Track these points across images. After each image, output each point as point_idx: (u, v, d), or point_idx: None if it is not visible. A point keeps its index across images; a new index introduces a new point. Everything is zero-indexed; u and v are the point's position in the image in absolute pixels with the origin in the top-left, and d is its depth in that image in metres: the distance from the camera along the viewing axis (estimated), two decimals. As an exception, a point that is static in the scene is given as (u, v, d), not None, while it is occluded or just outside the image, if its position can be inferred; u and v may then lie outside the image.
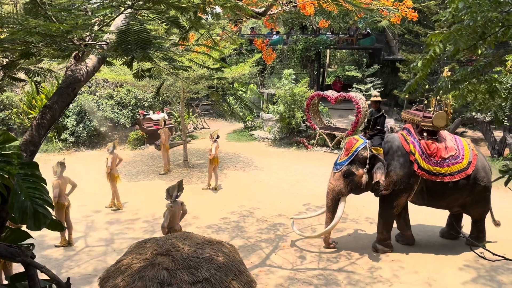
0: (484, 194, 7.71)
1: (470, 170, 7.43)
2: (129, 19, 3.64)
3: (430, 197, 7.69)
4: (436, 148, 7.48)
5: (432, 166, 7.39)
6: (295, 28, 23.46)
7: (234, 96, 5.93)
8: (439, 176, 7.38)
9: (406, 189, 7.58)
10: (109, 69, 13.05)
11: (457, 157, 7.47)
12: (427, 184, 7.54)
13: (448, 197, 7.61)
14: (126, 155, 14.60)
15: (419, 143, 7.56)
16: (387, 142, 7.75)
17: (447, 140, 7.69)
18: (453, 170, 7.38)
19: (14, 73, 3.95)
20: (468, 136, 17.03)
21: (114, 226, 9.14)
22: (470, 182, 7.49)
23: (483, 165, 7.68)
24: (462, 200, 7.69)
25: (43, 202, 2.83)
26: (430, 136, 7.67)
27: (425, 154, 7.45)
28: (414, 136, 7.68)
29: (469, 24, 2.79)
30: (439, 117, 7.50)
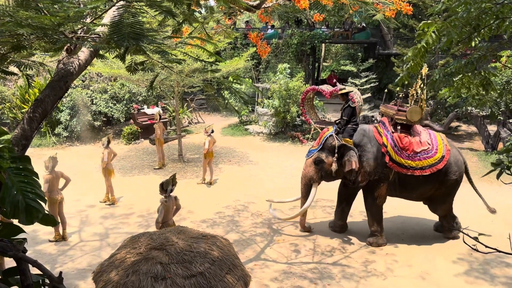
0: (454, 188, 7.83)
1: (441, 164, 7.51)
2: (122, 11, 3.60)
3: (402, 189, 7.83)
4: (408, 142, 7.56)
5: (403, 159, 7.49)
6: (290, 22, 23.39)
7: (229, 90, 5.91)
8: (410, 170, 7.49)
9: (382, 179, 7.72)
10: (102, 63, 12.95)
11: (429, 152, 7.55)
12: (399, 176, 7.66)
13: (419, 190, 7.75)
14: (121, 150, 14.55)
15: (391, 136, 7.65)
16: (361, 134, 7.88)
17: (421, 135, 7.77)
18: (425, 164, 7.47)
19: (5, 67, 3.90)
20: (463, 130, 17.12)
21: (109, 220, 9.11)
22: (442, 175, 7.59)
23: (456, 159, 7.76)
24: (432, 192, 7.82)
25: (35, 196, 2.79)
26: (404, 130, 7.76)
27: (397, 147, 7.55)
28: (387, 129, 7.77)
29: (463, 16, 2.77)
30: (413, 111, 7.56)
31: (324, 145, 7.93)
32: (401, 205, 9.24)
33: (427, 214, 8.90)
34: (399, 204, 9.21)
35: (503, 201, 9.98)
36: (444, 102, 16.20)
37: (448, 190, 7.81)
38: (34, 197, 2.80)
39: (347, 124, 8.00)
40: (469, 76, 3.54)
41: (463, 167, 7.89)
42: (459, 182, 7.85)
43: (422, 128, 8.07)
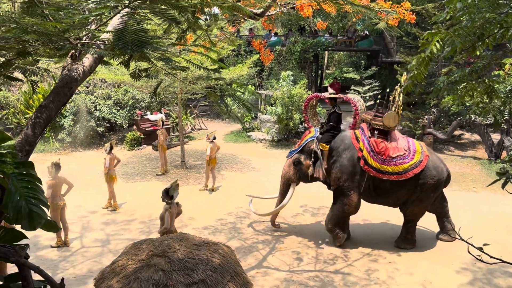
0: (429, 193, 7.76)
1: (418, 169, 7.53)
2: (126, 19, 3.62)
3: (377, 195, 7.87)
4: (384, 147, 7.61)
5: (379, 164, 7.54)
6: (293, 30, 23.48)
7: (232, 97, 5.92)
8: (386, 174, 7.54)
9: (352, 187, 7.80)
10: (107, 69, 13.02)
11: (405, 157, 7.58)
12: (374, 182, 7.71)
13: (395, 195, 7.78)
14: (123, 156, 14.56)
15: (368, 140, 7.73)
16: (339, 140, 7.99)
17: (398, 141, 7.80)
18: (400, 169, 7.50)
19: (10, 72, 3.92)
20: (466, 139, 17.07)
21: (110, 227, 9.10)
22: (419, 180, 7.60)
23: (435, 165, 7.76)
24: (407, 197, 7.81)
25: (38, 202, 2.80)
26: (381, 135, 7.81)
27: (373, 152, 7.61)
28: (365, 134, 7.86)
29: (467, 25, 2.77)
30: (389, 117, 7.66)
31: (303, 148, 8.19)
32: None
33: (430, 223, 8.86)
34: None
35: (508, 210, 9.92)
36: (447, 110, 16.18)
37: (422, 195, 7.73)
38: (37, 203, 2.81)
39: (330, 129, 8.11)
40: (473, 84, 3.54)
41: (443, 175, 7.84)
42: (436, 188, 7.76)
43: (400, 134, 8.12)
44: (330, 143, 7.96)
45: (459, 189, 11.89)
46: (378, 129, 7.82)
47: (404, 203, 7.97)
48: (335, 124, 8.09)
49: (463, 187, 12.07)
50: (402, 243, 8.16)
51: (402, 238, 8.20)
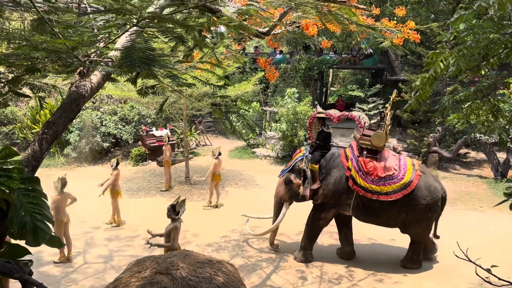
0: (425, 214, 7.63)
1: (408, 190, 7.43)
2: (134, 37, 3.68)
3: (368, 214, 7.78)
4: (373, 166, 7.56)
5: (368, 184, 7.49)
6: (298, 48, 23.68)
7: (236, 114, 5.95)
8: (374, 194, 7.47)
9: (334, 204, 7.84)
10: (113, 85, 13.14)
11: (394, 177, 7.49)
12: (363, 201, 7.63)
13: (385, 215, 7.67)
14: (128, 171, 14.59)
15: (357, 160, 7.71)
16: (329, 157, 8.04)
17: (388, 160, 7.72)
18: (389, 189, 7.42)
19: (19, 88, 3.97)
20: (471, 157, 16.98)
21: (114, 243, 9.06)
22: (409, 201, 7.48)
23: (427, 184, 7.63)
24: (401, 218, 7.69)
25: (43, 217, 2.80)
26: (370, 155, 7.77)
27: (362, 171, 7.58)
28: (354, 153, 7.83)
29: (472, 45, 2.80)
30: (377, 137, 7.64)
31: (294, 167, 8.23)
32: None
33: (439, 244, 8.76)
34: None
35: (514, 230, 9.80)
36: (452, 128, 16.14)
37: (418, 216, 7.61)
38: (42, 218, 2.81)
39: (318, 148, 8.16)
40: (478, 103, 3.55)
41: (437, 194, 7.68)
42: (431, 209, 7.61)
43: (392, 153, 8.05)
44: (319, 163, 7.99)
45: (465, 208, 11.78)
46: (367, 148, 7.78)
47: (404, 225, 7.84)
48: (322, 143, 8.14)
49: (469, 206, 11.96)
50: (408, 263, 8.05)
51: (408, 258, 8.10)
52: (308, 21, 6.78)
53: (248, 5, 4.77)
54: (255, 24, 6.25)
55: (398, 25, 6.32)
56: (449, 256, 8.47)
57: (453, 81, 16.14)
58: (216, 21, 4.50)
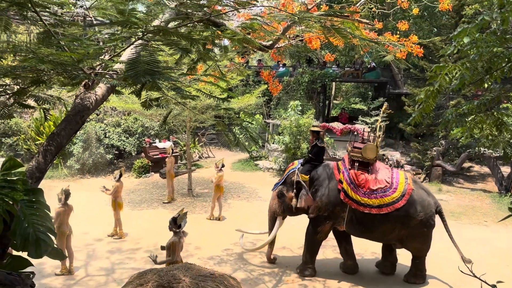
0: (420, 229, 7.51)
1: (400, 204, 7.33)
2: (139, 49, 3.71)
3: (361, 228, 7.68)
4: (364, 179, 7.50)
5: (360, 196, 7.41)
6: (301, 61, 23.81)
7: (239, 127, 5.96)
8: (367, 207, 7.38)
9: (329, 217, 7.74)
10: (117, 98, 13.21)
11: (386, 190, 7.41)
12: (356, 215, 7.54)
13: (378, 229, 7.54)
14: (131, 183, 14.58)
15: (348, 172, 7.67)
16: (322, 169, 8.02)
17: (380, 173, 7.66)
18: (381, 202, 7.34)
19: (24, 100, 4.00)
20: (475, 171, 16.90)
21: (115, 255, 9.02)
22: (402, 215, 7.38)
23: (420, 199, 7.53)
24: (396, 233, 7.57)
25: (45, 229, 2.80)
26: (361, 167, 7.70)
27: (353, 184, 7.51)
28: (345, 166, 7.80)
29: (475, 59, 2.81)
30: (368, 149, 7.58)
31: (286, 179, 8.21)
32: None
33: (442, 259, 8.67)
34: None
35: (519, 245, 9.70)
36: (456, 142, 16.11)
37: (413, 231, 7.51)
38: (45, 230, 2.81)
39: (310, 161, 8.17)
40: (482, 117, 3.54)
41: (430, 209, 7.57)
42: (426, 224, 7.50)
43: (384, 166, 8.00)
44: (309, 173, 7.99)
45: (469, 222, 11.68)
46: (358, 161, 7.73)
47: (400, 240, 7.73)
48: (314, 157, 8.15)
49: (473, 220, 11.86)
50: (412, 278, 7.95)
51: (411, 273, 8.00)
52: (311, 34, 6.84)
53: (252, 19, 4.82)
54: (259, 38, 6.30)
55: (401, 39, 6.36)
56: (453, 271, 8.37)
57: (456, 95, 16.17)
58: (220, 34, 4.55)
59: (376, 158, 7.70)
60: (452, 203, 13.49)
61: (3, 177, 2.82)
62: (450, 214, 12.38)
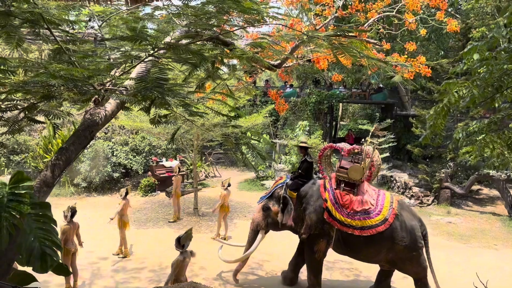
0: (408, 254, 7.34)
1: (382, 227, 7.23)
2: (149, 66, 3.76)
3: (347, 248, 7.60)
4: (349, 199, 7.43)
5: (343, 217, 7.34)
6: (308, 82, 23.96)
7: (247, 145, 5.96)
8: (350, 228, 7.31)
9: (322, 235, 7.59)
10: (126, 116, 13.34)
11: (370, 213, 7.33)
12: (342, 234, 7.47)
13: (362, 251, 7.44)
14: (137, 202, 14.55)
15: (333, 192, 7.60)
16: (309, 187, 7.95)
17: (366, 194, 7.57)
18: (364, 224, 7.25)
19: (34, 115, 4.04)
20: (484, 194, 16.68)
21: (120, 274, 8.92)
22: (385, 239, 7.27)
23: (404, 224, 7.38)
24: (383, 256, 7.45)
25: (51, 244, 2.78)
26: (347, 188, 7.63)
27: (337, 204, 7.45)
28: (331, 185, 7.74)
29: (485, 77, 2.79)
30: (354, 170, 7.51)
31: (273, 193, 8.15)
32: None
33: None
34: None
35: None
36: (464, 164, 15.97)
37: (400, 255, 7.36)
38: (51, 245, 2.78)
39: (299, 177, 8.13)
40: (493, 136, 3.50)
41: (415, 233, 7.40)
42: (412, 248, 7.32)
43: (372, 187, 7.89)
44: (297, 191, 7.94)
45: (479, 245, 11.47)
46: (344, 181, 7.65)
47: (391, 263, 7.61)
48: (303, 173, 8.13)
49: (483, 243, 11.65)
50: None
51: None
52: (319, 54, 6.89)
53: (261, 38, 4.87)
54: (267, 57, 6.36)
55: (409, 60, 6.38)
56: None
57: (464, 116, 16.11)
58: (228, 53, 4.59)
59: (362, 179, 7.62)
60: (461, 226, 13.28)
61: (10, 191, 2.81)
62: (459, 237, 12.18)
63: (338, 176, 7.71)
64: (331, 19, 6.57)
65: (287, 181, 8.16)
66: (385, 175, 17.53)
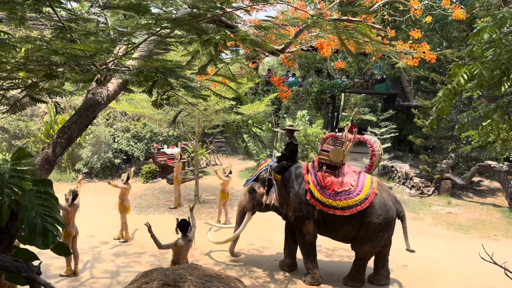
0: (377, 232, 7.58)
1: (362, 206, 7.46)
2: (151, 47, 3.71)
3: (327, 228, 7.85)
4: (330, 181, 7.64)
5: (325, 198, 7.57)
6: (311, 72, 23.84)
7: (248, 134, 5.95)
8: (331, 209, 7.54)
9: (308, 216, 7.80)
10: (127, 102, 13.30)
11: (350, 193, 7.55)
12: (323, 215, 7.70)
13: (342, 229, 7.73)
14: (138, 188, 14.57)
15: (315, 174, 7.80)
16: (293, 171, 8.13)
17: (346, 176, 7.80)
18: (345, 204, 7.48)
19: (37, 93, 4.01)
20: (485, 186, 16.66)
21: (121, 258, 8.97)
22: (364, 217, 7.50)
23: (383, 204, 7.62)
24: (355, 233, 7.70)
25: (53, 220, 2.77)
26: (329, 170, 7.84)
27: (320, 186, 7.65)
28: (314, 167, 7.93)
29: (493, 59, 2.76)
30: (335, 153, 7.75)
31: (258, 176, 8.38)
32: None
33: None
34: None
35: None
36: (465, 155, 15.93)
37: (369, 233, 7.58)
38: (52, 221, 2.78)
39: (284, 159, 8.27)
40: (498, 121, 3.48)
41: (391, 214, 7.68)
42: (383, 227, 7.57)
43: (352, 170, 8.10)
44: (282, 173, 8.08)
45: (478, 236, 11.49)
46: (326, 163, 7.86)
47: (353, 241, 7.86)
48: (288, 154, 8.26)
49: (483, 234, 11.67)
50: (350, 281, 7.96)
51: (351, 276, 8.01)
52: (323, 40, 6.83)
53: (265, 21, 4.81)
54: (270, 42, 6.30)
55: (414, 45, 6.32)
56: (464, 283, 8.22)
57: (467, 108, 16.04)
58: (232, 37, 4.54)
59: (343, 161, 7.86)
60: (462, 216, 13.29)
61: (12, 167, 2.80)
62: (459, 228, 12.20)
63: (320, 159, 7.94)
64: (335, 3, 6.49)
65: (272, 164, 8.33)
66: (386, 165, 17.50)
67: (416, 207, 13.96)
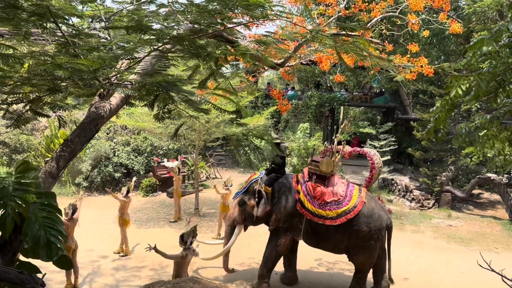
0: (367, 241, 7.58)
1: (352, 214, 7.51)
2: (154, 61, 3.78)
3: (316, 238, 7.83)
4: (320, 191, 7.70)
5: (315, 208, 7.60)
6: (310, 86, 24.00)
7: (248, 147, 6.00)
8: (321, 218, 7.56)
9: (289, 229, 7.85)
10: (128, 116, 13.37)
11: (340, 203, 7.61)
12: (311, 225, 7.70)
13: (331, 239, 7.71)
14: (138, 202, 14.56)
15: (305, 184, 7.87)
16: (283, 182, 8.16)
17: (336, 186, 7.85)
18: (334, 214, 7.52)
19: (40, 107, 4.06)
20: (485, 198, 16.64)
21: (120, 272, 8.93)
22: (353, 225, 7.53)
23: (371, 212, 7.65)
24: (346, 243, 7.69)
25: (56, 232, 2.79)
26: (319, 180, 7.90)
27: (309, 196, 7.71)
28: (304, 178, 8.01)
29: (489, 71, 2.82)
30: (325, 163, 7.84)
31: (248, 188, 8.34)
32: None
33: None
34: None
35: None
36: (465, 168, 15.96)
37: (359, 242, 7.59)
38: (56, 233, 2.80)
39: (273, 171, 8.32)
40: (494, 131, 3.53)
41: (380, 223, 7.68)
42: (373, 236, 7.58)
43: (341, 180, 8.17)
44: (272, 186, 8.11)
45: (479, 249, 11.44)
46: (316, 174, 7.93)
47: (347, 251, 7.85)
48: (276, 167, 8.33)
49: (483, 247, 11.63)
50: None
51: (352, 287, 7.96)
52: (322, 55, 6.92)
53: (265, 36, 4.90)
54: (270, 56, 6.39)
55: (412, 59, 6.41)
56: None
57: (465, 120, 16.12)
58: (232, 52, 4.62)
59: (332, 172, 7.94)
60: (462, 229, 13.27)
61: (16, 180, 2.84)
62: (460, 240, 12.17)
63: (310, 169, 8.03)
64: (333, 19, 6.60)
65: (261, 176, 8.35)
66: (386, 178, 17.52)
67: (416, 220, 13.94)
